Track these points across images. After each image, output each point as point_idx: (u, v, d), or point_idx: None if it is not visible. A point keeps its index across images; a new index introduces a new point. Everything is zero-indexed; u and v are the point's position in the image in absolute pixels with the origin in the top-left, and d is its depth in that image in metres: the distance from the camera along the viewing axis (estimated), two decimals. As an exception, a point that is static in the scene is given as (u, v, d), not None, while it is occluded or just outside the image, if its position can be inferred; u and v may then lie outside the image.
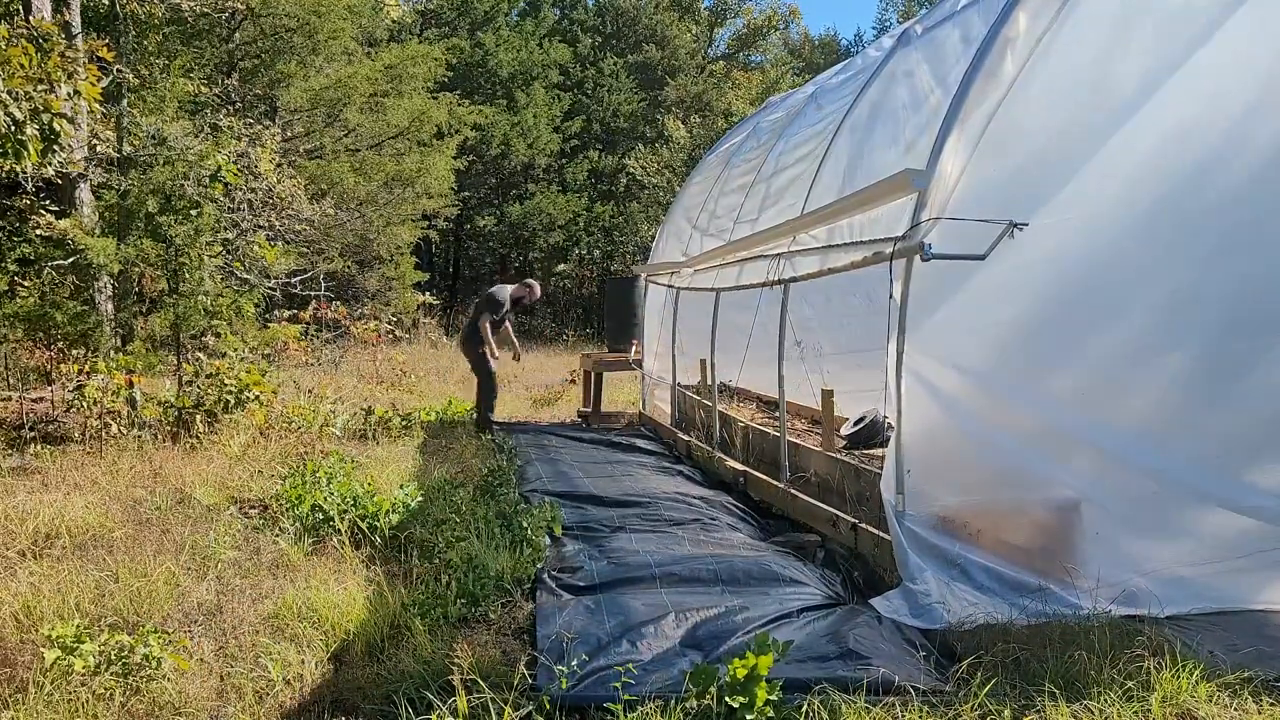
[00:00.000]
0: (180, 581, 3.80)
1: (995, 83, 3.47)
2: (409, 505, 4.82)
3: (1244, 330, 3.68)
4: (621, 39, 29.62)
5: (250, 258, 8.47)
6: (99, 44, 6.19)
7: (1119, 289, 3.65)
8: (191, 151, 7.32)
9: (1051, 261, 3.56)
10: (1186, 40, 3.51)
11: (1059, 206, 3.54)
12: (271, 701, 2.87)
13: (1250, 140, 3.60)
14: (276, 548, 4.29)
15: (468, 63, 24.42)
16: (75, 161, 7.72)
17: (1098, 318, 3.63)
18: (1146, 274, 3.65)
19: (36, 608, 3.40)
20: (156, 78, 10.98)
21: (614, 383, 9.97)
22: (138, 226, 7.55)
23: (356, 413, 8.05)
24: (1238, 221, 3.64)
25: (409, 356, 12.74)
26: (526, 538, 4.26)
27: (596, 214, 25.44)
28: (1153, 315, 3.67)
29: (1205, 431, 3.65)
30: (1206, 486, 3.60)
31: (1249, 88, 3.57)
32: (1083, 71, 3.55)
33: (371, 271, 16.86)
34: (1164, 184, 3.60)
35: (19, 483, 5.33)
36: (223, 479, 5.63)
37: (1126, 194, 3.60)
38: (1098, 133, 3.56)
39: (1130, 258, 3.64)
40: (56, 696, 2.76)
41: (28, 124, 5.14)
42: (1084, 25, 3.49)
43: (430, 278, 23.42)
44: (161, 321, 7.50)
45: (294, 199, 9.53)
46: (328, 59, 14.99)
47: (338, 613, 3.44)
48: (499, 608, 3.59)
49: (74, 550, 4.16)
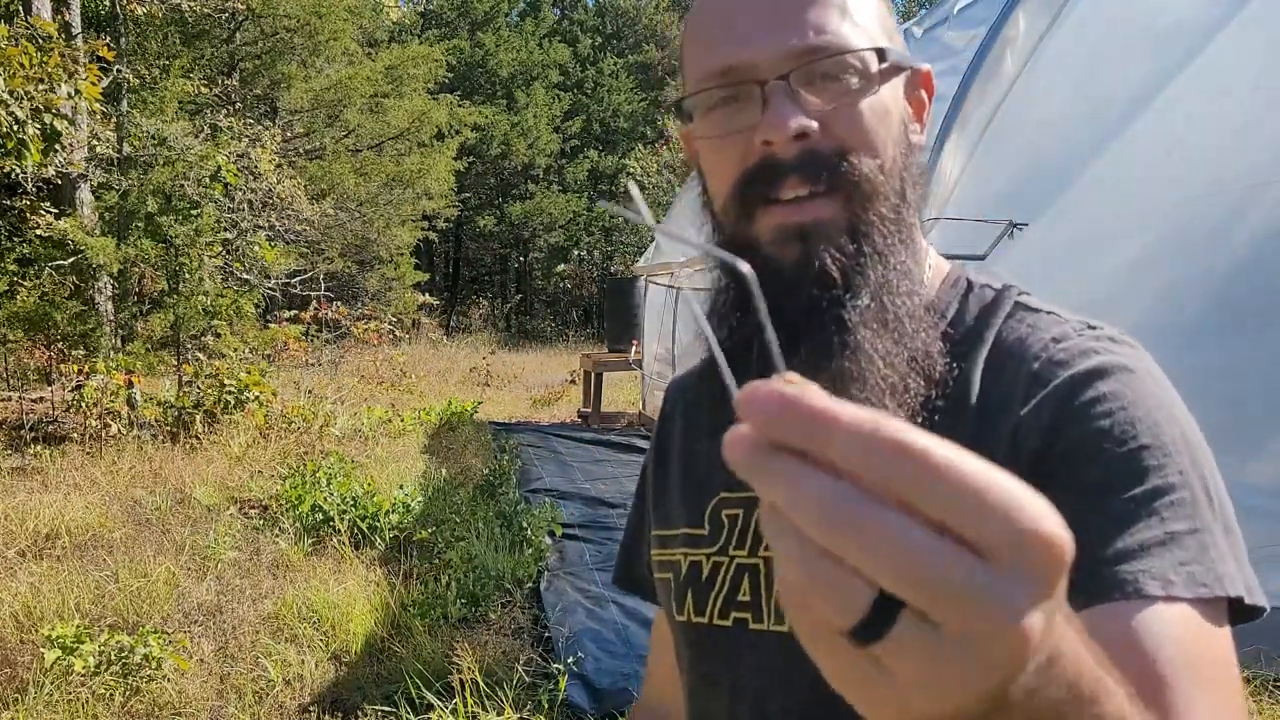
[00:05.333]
0: (180, 582, 3.80)
1: (996, 82, 3.47)
2: (409, 505, 4.82)
3: (1240, 325, 3.68)
4: (621, 39, 29.64)
5: (250, 258, 8.46)
6: (99, 44, 6.19)
7: (1116, 289, 3.65)
8: (192, 152, 7.32)
9: (1051, 262, 3.56)
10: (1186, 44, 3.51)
11: (1060, 207, 3.54)
12: (271, 702, 2.87)
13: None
14: (276, 548, 4.28)
15: (468, 63, 24.44)
16: (75, 162, 7.71)
17: (1095, 317, 3.63)
18: (1145, 273, 3.65)
19: (36, 608, 3.40)
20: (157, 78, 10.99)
21: (614, 383, 9.98)
22: (138, 227, 7.54)
23: (356, 413, 8.05)
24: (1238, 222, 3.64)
25: (409, 357, 12.74)
26: (527, 538, 4.26)
27: (596, 214, 25.47)
28: (1151, 315, 3.67)
29: (1203, 430, 3.64)
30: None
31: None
32: (1084, 71, 3.55)
33: (371, 272, 16.86)
34: (1165, 184, 3.60)
35: (19, 483, 5.33)
36: (223, 479, 5.63)
37: (1128, 193, 3.60)
38: (1099, 132, 3.56)
39: (1129, 257, 3.64)
40: (56, 697, 2.76)
41: (29, 123, 5.14)
42: (1085, 25, 3.49)
43: (430, 278, 23.44)
44: (161, 322, 7.50)
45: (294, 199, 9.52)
46: (328, 60, 14.99)
47: (337, 613, 3.44)
48: (499, 608, 3.59)
49: (74, 550, 4.16)
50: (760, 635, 0.71)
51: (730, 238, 0.67)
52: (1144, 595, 0.53)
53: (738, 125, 0.65)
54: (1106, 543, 0.55)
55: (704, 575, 0.76)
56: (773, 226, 0.64)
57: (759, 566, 0.72)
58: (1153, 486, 0.57)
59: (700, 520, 0.78)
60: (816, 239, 0.63)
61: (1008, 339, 0.68)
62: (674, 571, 0.80)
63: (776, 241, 0.64)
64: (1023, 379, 0.64)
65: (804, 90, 0.63)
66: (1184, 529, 0.56)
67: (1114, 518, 0.56)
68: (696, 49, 0.68)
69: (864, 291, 0.63)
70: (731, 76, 0.65)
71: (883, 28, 0.68)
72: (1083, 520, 0.56)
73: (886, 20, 0.69)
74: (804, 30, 0.63)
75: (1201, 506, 0.58)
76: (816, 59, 0.63)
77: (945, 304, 0.71)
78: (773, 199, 0.64)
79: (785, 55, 0.63)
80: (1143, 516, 0.56)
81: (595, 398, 9.35)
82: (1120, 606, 0.53)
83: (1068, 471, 0.59)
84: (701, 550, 0.77)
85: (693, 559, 0.78)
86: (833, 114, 0.63)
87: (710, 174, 0.70)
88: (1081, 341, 0.66)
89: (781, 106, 0.62)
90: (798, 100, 0.63)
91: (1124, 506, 0.57)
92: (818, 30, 0.63)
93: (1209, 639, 0.54)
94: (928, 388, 0.64)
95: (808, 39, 0.63)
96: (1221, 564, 0.56)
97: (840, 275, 0.63)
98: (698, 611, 0.76)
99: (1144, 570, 0.54)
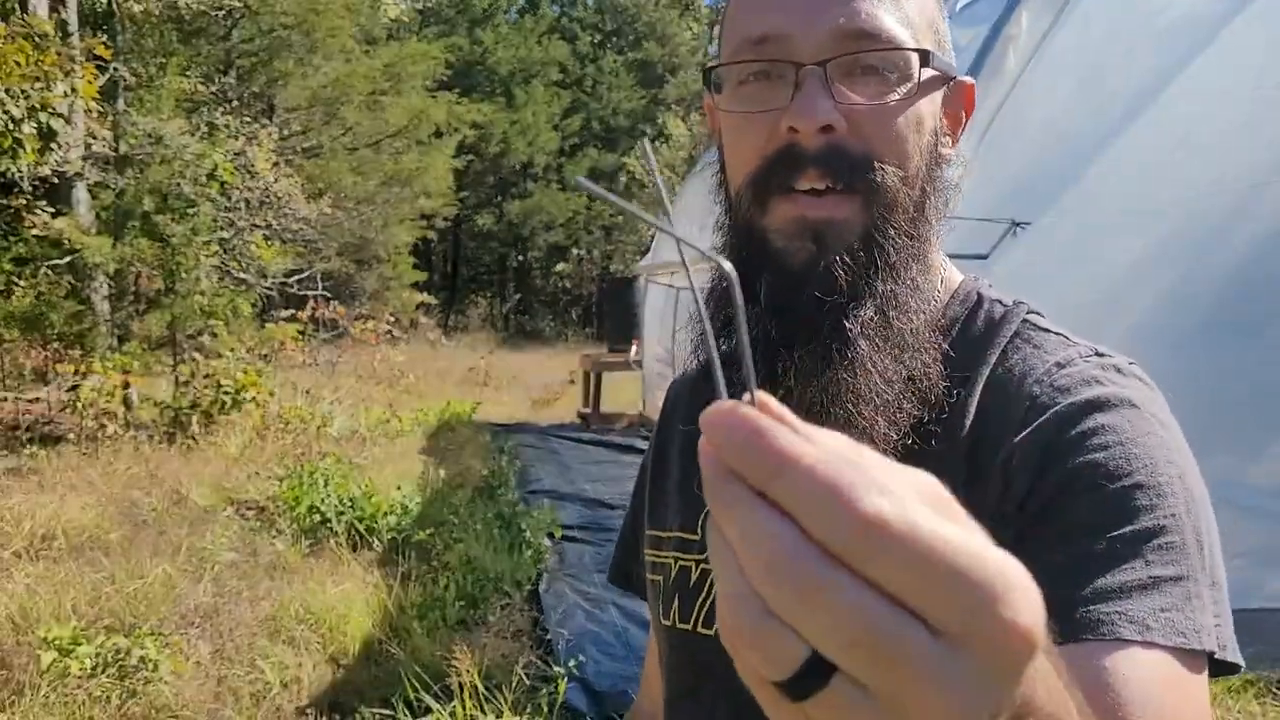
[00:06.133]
0: (177, 583, 3.78)
1: (998, 81, 3.45)
2: (407, 507, 4.80)
3: (1241, 325, 3.67)
4: (621, 36, 29.63)
5: (247, 257, 8.43)
6: (95, 42, 6.16)
7: (1118, 288, 3.64)
8: (188, 150, 7.29)
9: (1053, 261, 3.54)
10: (1189, 43, 3.50)
11: (1062, 206, 3.53)
12: (268, 704, 2.85)
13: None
14: (273, 549, 4.26)
15: (466, 61, 24.42)
16: (71, 160, 7.68)
17: (1098, 316, 3.62)
18: (1146, 272, 3.64)
19: (33, 609, 3.38)
20: (153, 76, 10.95)
21: (614, 383, 9.97)
22: (134, 226, 7.51)
23: (354, 413, 8.03)
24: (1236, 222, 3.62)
25: (407, 357, 12.72)
26: (526, 539, 4.25)
27: (596, 213, 25.46)
28: (1152, 313, 3.66)
29: (1203, 430, 3.64)
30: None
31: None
32: (1086, 70, 3.54)
33: (370, 271, 16.83)
34: (1167, 183, 3.59)
35: (15, 484, 5.30)
36: (219, 480, 5.60)
37: (1129, 192, 3.59)
38: (1102, 130, 3.55)
39: (1131, 256, 3.63)
40: (53, 699, 2.74)
41: (25, 122, 5.11)
42: (1087, 23, 3.48)
43: (429, 277, 23.41)
44: (158, 321, 7.47)
45: (291, 198, 9.49)
46: (326, 57, 14.95)
47: (335, 615, 3.42)
48: (498, 610, 3.58)
49: (70, 552, 4.14)
50: None
51: (742, 224, 0.65)
52: (1118, 638, 0.52)
53: (766, 104, 0.63)
54: (1087, 580, 0.54)
55: (692, 581, 0.75)
56: (786, 218, 0.62)
57: None
58: (1142, 527, 0.55)
59: (694, 525, 0.77)
60: (829, 240, 0.61)
61: (1011, 358, 0.65)
62: (664, 574, 0.79)
63: (787, 235, 0.62)
64: (1021, 403, 0.62)
65: (841, 81, 0.61)
66: (1169, 575, 0.54)
67: (1097, 555, 0.54)
68: (738, 10, 0.65)
69: (869, 303, 0.61)
70: (768, 48, 0.62)
71: (932, 30, 0.65)
72: (1066, 553, 0.55)
73: (939, 24, 0.67)
74: (854, 11, 0.60)
75: (1190, 553, 0.55)
76: (860, 50, 0.61)
77: (952, 319, 0.69)
78: (789, 188, 0.62)
79: (828, 35, 0.60)
80: (1128, 557, 0.54)
81: (595, 398, 9.33)
82: (1092, 647, 0.52)
83: (1057, 503, 0.57)
84: (692, 556, 0.76)
85: (683, 563, 0.77)
86: (866, 113, 0.61)
87: (730, 151, 0.67)
88: (1086, 368, 0.63)
89: (814, 94, 0.60)
90: (831, 90, 0.60)
91: (1109, 545, 0.55)
92: (869, 15, 0.61)
93: (1182, 690, 0.52)
94: (922, 409, 0.62)
95: (856, 21, 0.60)
96: (1201, 615, 0.54)
97: (847, 283, 0.61)
98: (683, 618, 0.75)
99: (1120, 613, 0.52)
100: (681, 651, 0.76)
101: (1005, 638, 0.27)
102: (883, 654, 0.26)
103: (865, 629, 0.26)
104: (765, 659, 0.28)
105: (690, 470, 0.81)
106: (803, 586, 0.26)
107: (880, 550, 0.26)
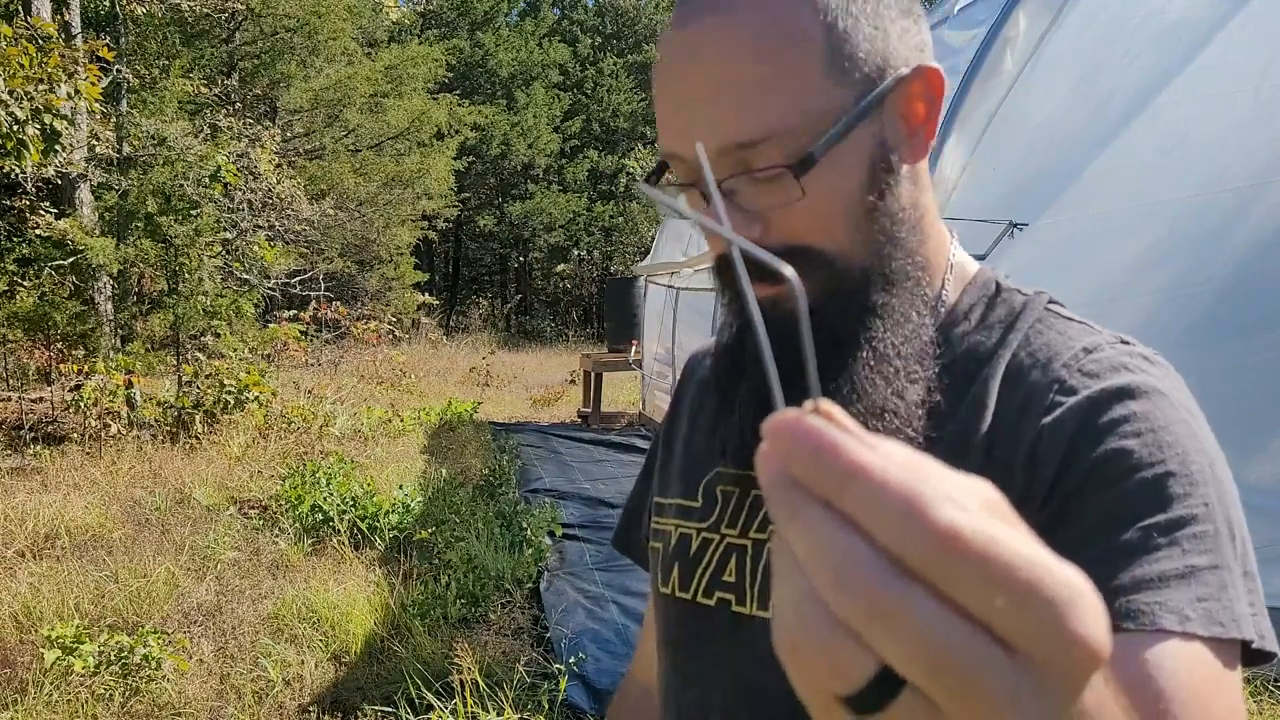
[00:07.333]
0: (180, 582, 3.80)
1: (996, 82, 3.46)
2: (409, 506, 4.82)
3: (1241, 325, 3.68)
4: (621, 39, 29.64)
5: (250, 258, 8.46)
6: (99, 44, 6.18)
7: (1117, 288, 3.65)
8: (191, 152, 7.31)
9: (1052, 261, 3.55)
10: (1187, 43, 3.51)
11: (1060, 206, 3.54)
12: (271, 702, 2.87)
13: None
14: (276, 548, 4.28)
15: (468, 63, 24.44)
16: (75, 162, 7.71)
17: (1096, 316, 3.63)
18: (1145, 272, 3.65)
19: (36, 608, 3.40)
20: (156, 78, 10.98)
21: (614, 383, 9.98)
22: (137, 227, 7.54)
23: (356, 413, 8.05)
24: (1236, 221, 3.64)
25: (409, 357, 12.74)
26: (526, 538, 4.26)
27: (596, 214, 25.47)
28: (1152, 314, 3.67)
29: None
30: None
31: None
32: (1084, 71, 3.55)
33: (371, 272, 16.86)
34: (1166, 183, 3.60)
35: (18, 483, 5.32)
36: (222, 479, 5.62)
37: (1128, 193, 3.60)
38: (1100, 131, 3.56)
39: (1130, 256, 3.64)
40: (56, 697, 2.76)
41: (29, 123, 5.14)
42: (1085, 25, 3.49)
43: (430, 278, 23.44)
44: (161, 322, 7.49)
45: (294, 199, 9.51)
46: (328, 60, 14.99)
47: (337, 613, 3.44)
48: (499, 608, 3.59)
49: (73, 551, 4.16)
50: (742, 618, 0.69)
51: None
52: (1159, 629, 0.51)
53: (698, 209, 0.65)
54: (1124, 569, 0.54)
55: (692, 550, 0.75)
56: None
57: (747, 548, 0.71)
58: (1176, 516, 0.55)
59: (695, 492, 0.77)
60: (792, 305, 0.62)
61: (1034, 343, 0.65)
62: (664, 541, 0.78)
63: (761, 306, 0.64)
64: (1047, 386, 0.62)
65: (743, 190, 0.60)
66: (1204, 564, 0.54)
67: (1133, 544, 0.54)
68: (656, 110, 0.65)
69: (861, 335, 0.62)
70: (676, 165, 0.63)
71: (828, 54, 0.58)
72: (1100, 542, 0.55)
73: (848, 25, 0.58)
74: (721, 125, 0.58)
75: (1224, 542, 0.56)
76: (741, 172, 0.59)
77: (968, 305, 0.70)
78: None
79: (718, 153, 0.59)
80: (1163, 546, 0.54)
81: (595, 398, 9.34)
82: (1132, 637, 0.51)
83: (1088, 490, 0.57)
84: (693, 523, 0.76)
85: (683, 531, 0.76)
86: (776, 212, 0.60)
87: None
88: (1114, 355, 0.64)
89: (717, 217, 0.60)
90: (735, 202, 0.60)
91: (1144, 533, 0.54)
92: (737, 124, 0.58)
93: (1219, 681, 0.52)
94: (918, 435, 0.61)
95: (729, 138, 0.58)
96: (1237, 604, 0.54)
97: (827, 330, 0.61)
98: (682, 586, 0.74)
99: (1160, 602, 0.52)
100: (679, 621, 0.75)
101: (1074, 651, 0.26)
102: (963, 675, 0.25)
103: (946, 649, 0.25)
104: (833, 672, 0.27)
105: (696, 437, 0.81)
106: (877, 601, 0.26)
107: (956, 564, 0.25)
